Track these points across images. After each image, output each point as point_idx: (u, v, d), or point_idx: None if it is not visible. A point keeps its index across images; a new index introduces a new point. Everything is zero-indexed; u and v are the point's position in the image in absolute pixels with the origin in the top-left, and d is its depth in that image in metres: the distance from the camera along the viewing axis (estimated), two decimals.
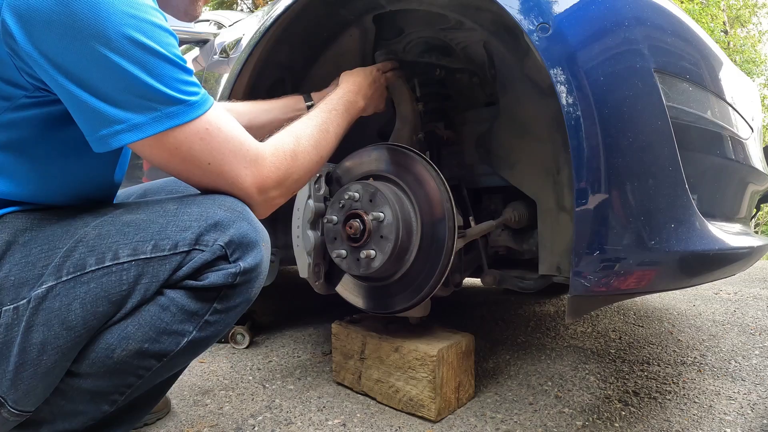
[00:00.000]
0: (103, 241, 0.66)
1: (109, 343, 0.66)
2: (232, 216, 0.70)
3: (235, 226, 0.70)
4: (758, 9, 15.31)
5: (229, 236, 0.69)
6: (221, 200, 0.72)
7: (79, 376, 0.67)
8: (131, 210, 0.71)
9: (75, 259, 0.65)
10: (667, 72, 0.87)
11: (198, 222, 0.68)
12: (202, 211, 0.70)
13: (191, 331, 0.69)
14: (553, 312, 2.08)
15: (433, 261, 1.04)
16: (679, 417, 1.08)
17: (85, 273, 0.64)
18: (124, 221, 0.69)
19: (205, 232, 0.68)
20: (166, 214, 0.70)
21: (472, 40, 1.24)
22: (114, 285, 0.65)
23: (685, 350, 1.54)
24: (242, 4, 12.61)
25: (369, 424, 1.05)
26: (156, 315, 0.67)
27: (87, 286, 0.64)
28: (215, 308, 0.70)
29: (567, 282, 0.89)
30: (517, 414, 1.09)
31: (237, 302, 0.72)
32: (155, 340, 0.67)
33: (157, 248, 0.67)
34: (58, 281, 0.64)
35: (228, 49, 1.56)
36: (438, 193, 1.05)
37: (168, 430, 1.02)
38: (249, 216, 0.73)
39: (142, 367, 0.69)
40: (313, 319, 1.96)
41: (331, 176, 1.20)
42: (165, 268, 0.67)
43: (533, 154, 1.12)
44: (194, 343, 0.70)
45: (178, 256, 0.67)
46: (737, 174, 1.09)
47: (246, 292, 0.73)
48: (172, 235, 0.67)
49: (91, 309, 0.64)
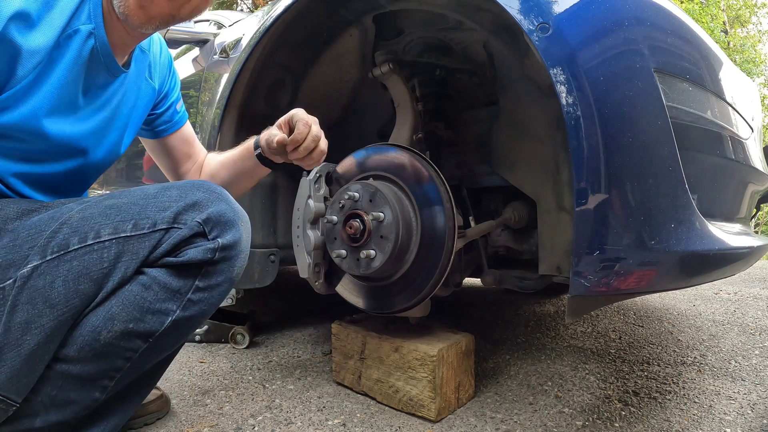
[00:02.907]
0: (86, 222, 0.69)
1: (95, 325, 0.68)
2: (210, 197, 0.73)
3: (213, 205, 0.72)
4: (758, 9, 15.31)
5: (207, 214, 0.71)
6: (200, 183, 0.75)
7: (67, 361, 0.68)
8: (115, 196, 0.74)
9: (59, 240, 0.67)
10: (667, 72, 0.87)
11: (177, 202, 0.71)
12: (181, 193, 0.72)
13: (175, 310, 0.71)
14: (553, 312, 2.08)
15: (433, 261, 1.04)
16: (679, 417, 1.08)
17: (68, 252, 0.67)
18: (107, 204, 0.72)
19: (184, 211, 0.71)
20: (147, 197, 0.72)
21: (472, 40, 1.24)
22: (95, 262, 0.67)
23: (685, 350, 1.54)
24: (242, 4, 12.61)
25: (369, 424, 1.05)
26: (139, 294, 0.69)
27: (69, 264, 0.66)
28: (197, 286, 0.72)
29: (567, 282, 0.89)
30: (517, 414, 1.09)
31: (219, 280, 0.74)
32: (140, 319, 0.69)
33: (137, 227, 0.69)
34: (43, 260, 0.66)
35: (228, 49, 1.56)
36: (438, 193, 1.05)
37: (168, 430, 1.02)
38: (227, 197, 0.76)
39: (129, 348, 0.70)
40: (313, 319, 1.96)
41: (331, 176, 1.20)
42: (144, 246, 0.69)
43: (533, 154, 1.12)
44: (179, 323, 0.72)
45: (157, 233, 0.70)
46: (737, 174, 1.09)
47: (228, 270, 0.74)
48: (151, 215, 0.70)
49: (73, 287, 0.66)
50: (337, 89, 1.51)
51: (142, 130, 1.05)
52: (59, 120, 0.77)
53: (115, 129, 0.90)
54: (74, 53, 0.75)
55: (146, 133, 1.06)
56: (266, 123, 1.43)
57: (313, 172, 1.14)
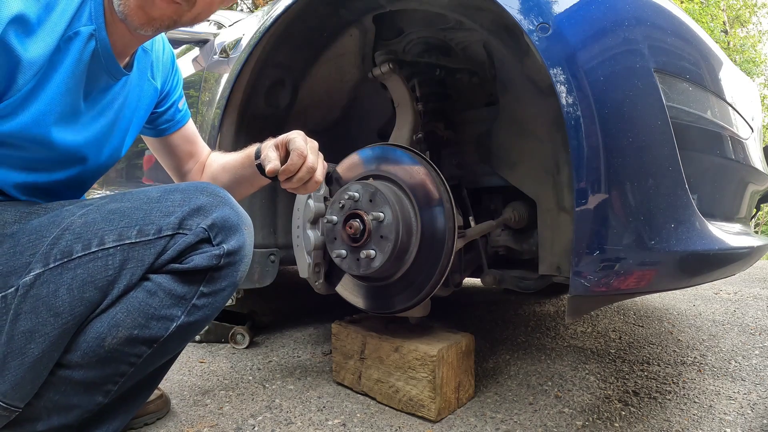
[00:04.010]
0: (89, 228, 0.68)
1: (99, 331, 0.67)
2: (214, 201, 0.72)
3: (217, 210, 0.72)
4: (758, 9, 15.31)
5: (212, 219, 0.71)
6: (203, 186, 0.74)
7: (71, 367, 0.68)
8: (116, 199, 0.73)
9: (62, 247, 0.66)
10: (667, 72, 0.87)
11: (181, 207, 0.70)
12: (184, 197, 0.71)
13: (180, 316, 0.70)
14: (553, 312, 2.08)
15: (433, 261, 1.04)
16: (679, 417, 1.08)
17: (72, 259, 0.66)
18: (109, 209, 0.70)
19: (188, 217, 0.70)
20: (150, 201, 0.71)
21: (472, 40, 1.24)
22: (100, 270, 0.66)
23: (685, 350, 1.54)
24: (242, 4, 12.61)
25: (369, 424, 1.05)
26: (144, 301, 0.68)
27: (74, 272, 0.65)
28: (202, 291, 0.71)
29: (567, 282, 0.89)
30: (517, 414, 1.09)
31: (223, 285, 0.73)
32: (144, 326, 0.68)
33: (141, 233, 0.68)
34: (46, 268, 0.65)
35: (228, 49, 1.56)
36: (438, 193, 1.05)
37: (168, 430, 1.02)
38: (231, 201, 0.75)
39: (133, 354, 0.69)
40: (313, 319, 1.96)
41: (331, 176, 1.20)
42: (150, 253, 0.68)
43: (533, 154, 1.12)
44: (183, 328, 0.71)
45: (163, 240, 0.69)
46: (737, 174, 1.09)
47: (231, 275, 0.74)
48: (156, 221, 0.69)
49: (78, 295, 0.65)
50: (337, 89, 1.51)
51: (144, 129, 1.04)
52: (61, 127, 0.75)
53: (118, 133, 0.89)
54: (75, 57, 0.72)
55: (148, 132, 1.05)
56: (266, 123, 1.44)
57: None
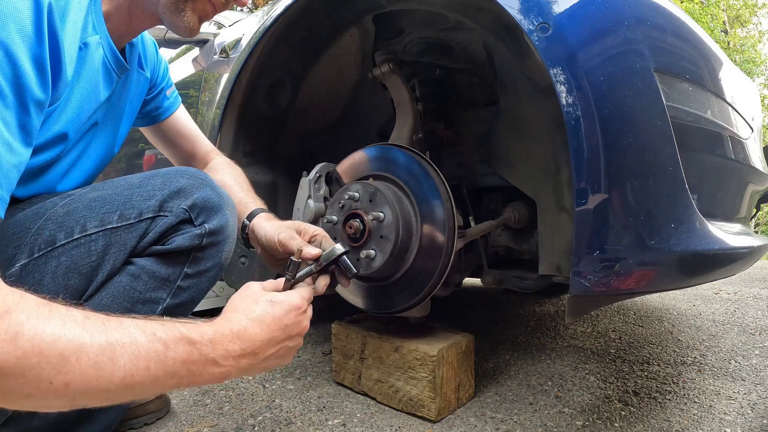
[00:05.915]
0: (71, 216, 0.68)
1: None
2: (194, 183, 0.73)
3: (198, 191, 0.72)
4: (758, 9, 15.31)
5: (193, 200, 0.71)
6: (183, 170, 0.74)
7: None
8: (98, 188, 0.74)
9: (45, 236, 0.67)
10: (667, 72, 0.87)
11: (161, 190, 0.71)
12: (165, 181, 0.72)
13: (165, 298, 0.71)
14: (553, 312, 2.08)
15: (433, 261, 1.04)
16: (679, 417, 1.08)
17: (55, 248, 0.66)
18: (91, 197, 0.71)
19: (169, 199, 0.70)
20: (131, 187, 0.72)
21: (472, 40, 1.24)
22: (83, 256, 0.67)
23: (685, 350, 1.54)
24: None
25: (369, 424, 1.05)
26: (128, 284, 0.69)
27: (57, 260, 0.66)
28: (186, 272, 0.72)
29: (567, 282, 0.89)
30: (517, 414, 1.09)
31: (208, 266, 0.74)
32: (130, 310, 0.69)
33: (122, 218, 0.69)
34: (30, 258, 0.66)
35: (228, 49, 1.56)
36: (438, 193, 1.05)
37: (168, 430, 1.02)
38: (212, 183, 0.75)
39: None
40: (313, 319, 1.96)
41: (331, 176, 1.20)
42: (132, 236, 0.69)
43: (533, 154, 1.12)
44: (170, 311, 0.72)
45: (144, 222, 0.69)
46: (737, 174, 1.09)
47: (216, 255, 0.74)
48: (136, 204, 0.70)
49: (63, 282, 0.65)
50: (337, 89, 1.51)
51: (136, 119, 1.03)
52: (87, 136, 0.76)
53: (120, 130, 0.89)
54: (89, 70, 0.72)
55: (139, 122, 1.03)
56: (266, 123, 1.44)
57: (313, 171, 1.14)
